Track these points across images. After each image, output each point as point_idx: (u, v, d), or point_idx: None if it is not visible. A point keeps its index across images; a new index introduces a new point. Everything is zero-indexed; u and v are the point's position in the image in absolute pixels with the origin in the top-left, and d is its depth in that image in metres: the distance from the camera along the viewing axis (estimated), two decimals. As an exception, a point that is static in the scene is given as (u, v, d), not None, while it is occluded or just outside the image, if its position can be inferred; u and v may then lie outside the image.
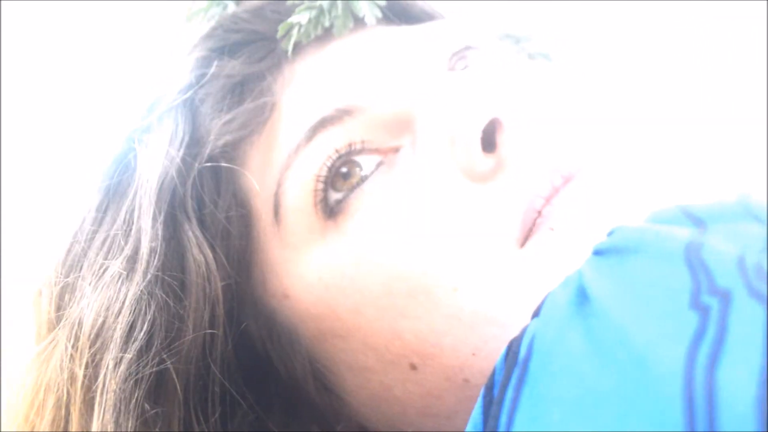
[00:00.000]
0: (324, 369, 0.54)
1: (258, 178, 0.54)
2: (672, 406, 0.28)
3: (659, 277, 0.33)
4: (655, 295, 0.32)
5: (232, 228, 0.53)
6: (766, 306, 0.29)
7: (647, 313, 0.32)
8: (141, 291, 0.50)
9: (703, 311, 0.30)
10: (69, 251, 0.55)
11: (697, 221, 0.35)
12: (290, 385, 0.55)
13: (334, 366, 0.54)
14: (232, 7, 0.59)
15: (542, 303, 0.37)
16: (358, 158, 0.53)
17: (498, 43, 0.60)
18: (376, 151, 0.53)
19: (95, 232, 0.54)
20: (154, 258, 0.51)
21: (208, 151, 0.54)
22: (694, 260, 0.32)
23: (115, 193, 0.55)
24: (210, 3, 0.59)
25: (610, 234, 0.37)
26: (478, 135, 0.49)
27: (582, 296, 0.35)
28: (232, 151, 0.54)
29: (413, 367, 0.50)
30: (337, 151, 0.52)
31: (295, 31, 0.55)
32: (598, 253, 0.37)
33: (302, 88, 0.55)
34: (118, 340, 0.49)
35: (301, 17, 0.55)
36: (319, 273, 0.52)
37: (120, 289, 0.51)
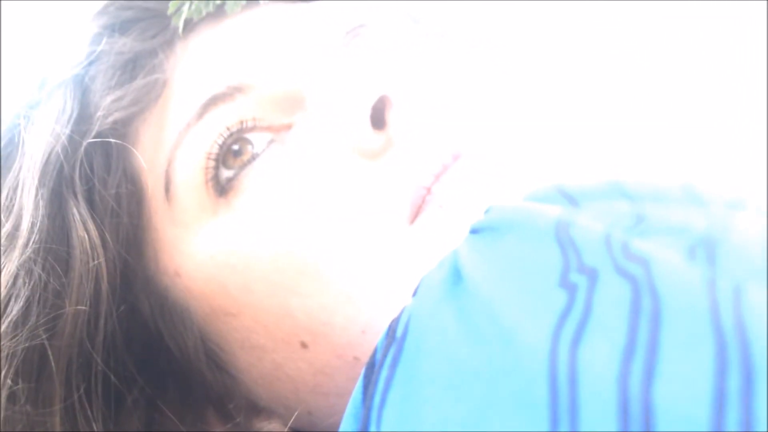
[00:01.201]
0: (216, 347, 0.54)
1: (149, 155, 0.53)
2: (536, 384, 0.28)
3: (530, 255, 0.33)
4: (526, 273, 0.32)
5: (121, 206, 0.53)
6: (630, 284, 0.29)
7: (517, 290, 0.32)
8: (18, 267, 0.49)
9: (570, 289, 0.30)
10: None
11: (571, 200, 0.35)
12: (183, 364, 0.54)
13: (226, 344, 0.53)
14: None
15: (419, 283, 0.37)
16: (249, 135, 0.52)
17: (394, 22, 0.59)
18: (268, 128, 0.53)
19: None
20: (34, 235, 0.50)
21: (96, 128, 0.53)
22: (564, 238, 0.32)
23: (1, 170, 0.54)
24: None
25: (486, 212, 0.37)
26: (367, 112, 0.49)
27: (456, 275, 0.35)
28: (123, 128, 0.53)
29: (304, 345, 0.50)
30: (228, 128, 0.52)
31: (185, 8, 0.54)
32: (474, 231, 0.37)
33: (194, 65, 0.54)
34: None
35: (192, -7, 0.54)
36: (210, 251, 0.52)
37: None
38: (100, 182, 0.52)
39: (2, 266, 0.50)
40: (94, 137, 0.52)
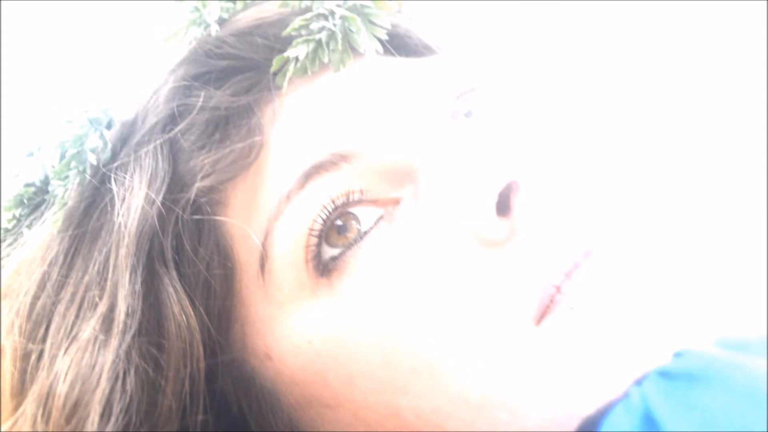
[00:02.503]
0: None
1: (242, 222, 0.49)
2: None
3: (742, 416, 0.30)
4: None
5: (213, 279, 0.48)
6: None
7: None
8: (118, 358, 0.44)
9: None
10: (33, 304, 0.48)
11: None
12: None
13: None
14: (214, 29, 0.52)
15: (600, 422, 0.34)
16: (355, 210, 0.48)
17: (502, 83, 0.55)
18: (375, 202, 0.49)
19: (63, 283, 0.48)
20: (133, 318, 0.45)
21: (190, 195, 0.48)
22: None
23: (85, 237, 0.49)
24: (190, 22, 0.52)
25: (677, 356, 0.34)
26: (494, 198, 0.45)
27: (649, 424, 0.32)
28: (216, 194, 0.49)
29: None
30: (332, 200, 0.48)
31: (291, 66, 0.49)
32: (664, 375, 0.33)
33: (294, 126, 0.50)
34: (96, 420, 0.44)
35: (298, 51, 0.49)
36: (308, 335, 0.48)
37: (96, 356, 0.45)
38: (192, 252, 0.48)
39: (100, 358, 0.45)
40: (187, 204, 0.48)
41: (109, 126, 0.52)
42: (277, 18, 0.53)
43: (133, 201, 0.48)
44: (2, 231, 0.55)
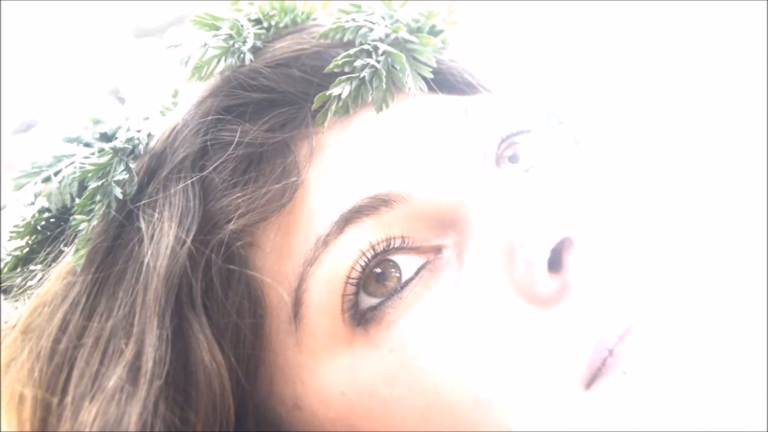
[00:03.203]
0: None
1: (271, 265, 0.47)
2: None
3: None
4: None
5: (243, 325, 0.46)
6: None
7: None
8: (146, 410, 0.42)
9: None
10: (54, 348, 0.46)
11: None
12: None
13: None
14: (248, 59, 0.50)
15: None
16: (395, 258, 0.46)
17: (545, 125, 0.53)
18: (416, 250, 0.46)
19: (86, 326, 0.46)
20: (161, 367, 0.43)
21: (222, 236, 0.46)
22: None
23: (110, 278, 0.47)
24: (222, 50, 0.49)
25: None
26: (547, 255, 0.43)
27: None
28: (247, 236, 0.46)
29: None
30: (372, 247, 0.45)
31: (333, 105, 0.47)
32: None
33: (332, 166, 0.47)
34: None
35: (342, 89, 0.47)
36: (342, 387, 0.46)
37: (123, 408, 0.42)
38: (223, 296, 0.46)
39: (127, 410, 0.42)
40: (218, 245, 0.46)
41: (134, 157, 0.49)
42: (315, 50, 0.50)
43: (163, 240, 0.45)
44: (14, 259, 0.52)
